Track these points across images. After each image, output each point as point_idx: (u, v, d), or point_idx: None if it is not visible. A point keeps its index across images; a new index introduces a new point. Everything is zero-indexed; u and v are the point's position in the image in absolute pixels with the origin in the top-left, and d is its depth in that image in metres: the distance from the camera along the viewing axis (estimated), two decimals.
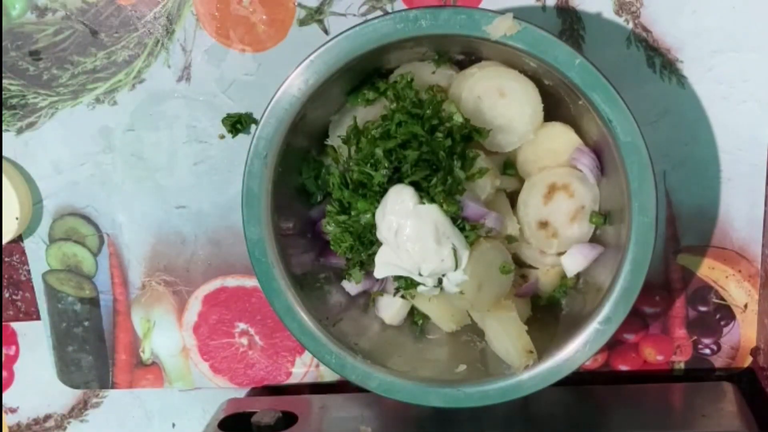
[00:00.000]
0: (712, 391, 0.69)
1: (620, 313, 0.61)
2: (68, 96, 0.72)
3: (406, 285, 0.65)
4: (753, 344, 0.72)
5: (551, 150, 0.65)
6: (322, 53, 0.60)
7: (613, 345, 0.73)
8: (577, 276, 0.67)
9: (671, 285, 0.72)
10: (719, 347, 0.73)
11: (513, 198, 0.66)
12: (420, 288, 0.64)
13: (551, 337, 0.64)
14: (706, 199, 0.70)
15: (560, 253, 0.66)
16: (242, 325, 0.76)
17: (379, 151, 0.60)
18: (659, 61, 0.68)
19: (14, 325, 0.79)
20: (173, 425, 0.81)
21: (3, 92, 0.72)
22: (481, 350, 0.67)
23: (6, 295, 0.78)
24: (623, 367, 0.74)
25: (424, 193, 0.60)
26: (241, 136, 0.71)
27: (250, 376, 0.77)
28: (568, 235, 0.65)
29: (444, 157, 0.60)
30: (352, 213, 0.62)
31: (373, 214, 0.61)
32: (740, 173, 0.69)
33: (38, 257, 0.75)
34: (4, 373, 0.80)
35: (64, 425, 0.81)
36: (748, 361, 0.73)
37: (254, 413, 0.69)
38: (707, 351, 0.73)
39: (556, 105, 0.64)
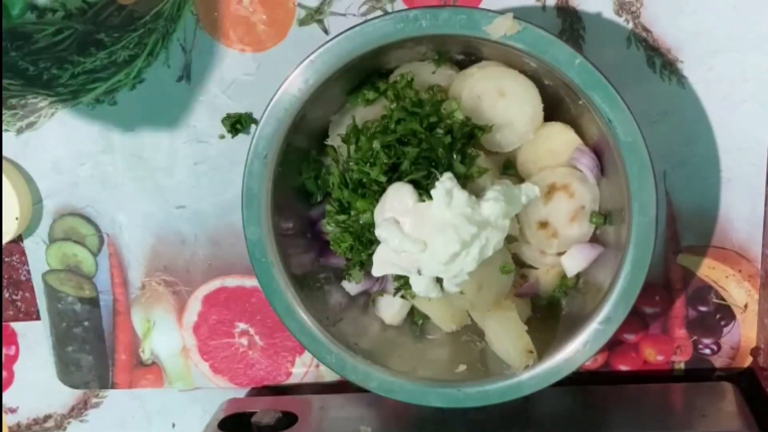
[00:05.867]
0: (712, 391, 0.69)
1: (620, 313, 0.61)
2: (68, 96, 0.72)
3: (405, 284, 0.65)
4: (753, 344, 0.72)
5: (551, 150, 0.65)
6: (322, 53, 0.60)
7: (613, 345, 0.73)
8: (577, 276, 0.67)
9: (671, 285, 0.72)
10: (719, 347, 0.73)
11: None
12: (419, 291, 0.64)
13: (551, 337, 0.64)
14: (706, 199, 0.70)
15: (560, 253, 0.66)
16: (242, 325, 0.76)
17: (377, 144, 0.60)
18: (659, 61, 0.68)
19: (14, 325, 0.79)
20: (173, 425, 0.81)
21: (3, 92, 0.72)
22: (481, 350, 0.67)
23: (6, 295, 0.78)
24: (623, 367, 0.74)
25: (423, 191, 0.60)
26: (241, 136, 0.71)
27: (250, 376, 0.77)
28: (568, 235, 0.65)
29: (443, 154, 0.60)
30: (352, 213, 0.62)
31: (373, 214, 0.61)
32: (740, 173, 0.69)
33: (38, 257, 0.75)
34: (4, 373, 0.80)
35: (64, 425, 0.81)
36: (748, 361, 0.73)
37: (254, 413, 0.69)
38: (707, 351, 0.73)
39: (556, 105, 0.64)
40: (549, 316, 0.68)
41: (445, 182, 0.59)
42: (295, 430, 0.68)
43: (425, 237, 0.59)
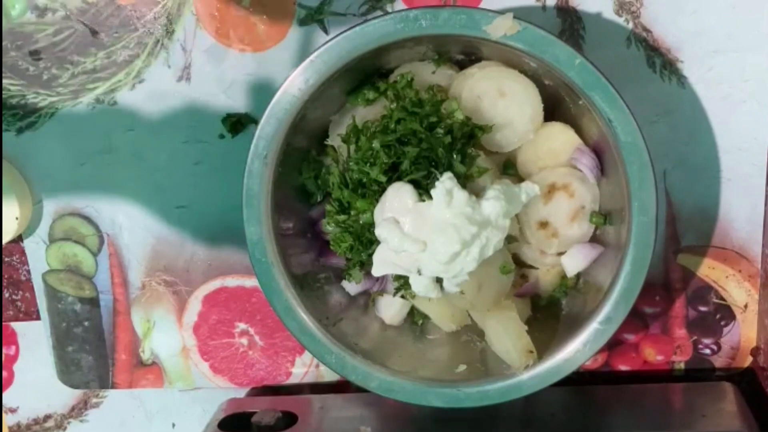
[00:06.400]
0: (712, 391, 0.69)
1: (620, 313, 0.61)
2: (68, 96, 0.72)
3: (405, 284, 0.65)
4: (753, 344, 0.72)
5: (551, 150, 0.65)
6: (322, 53, 0.60)
7: (613, 345, 0.73)
8: (577, 276, 0.67)
9: (671, 285, 0.72)
10: (719, 347, 0.73)
11: None
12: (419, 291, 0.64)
13: (551, 337, 0.64)
14: (706, 199, 0.70)
15: (560, 253, 0.66)
16: (242, 325, 0.76)
17: (377, 144, 0.60)
18: (659, 61, 0.68)
19: (14, 325, 0.79)
20: (173, 425, 0.81)
21: (3, 92, 0.72)
22: (481, 350, 0.67)
23: (6, 295, 0.78)
24: (623, 367, 0.74)
25: (423, 191, 0.60)
26: (241, 136, 0.71)
27: (250, 376, 0.77)
28: (568, 235, 0.65)
29: (443, 154, 0.60)
30: (352, 213, 0.62)
31: (373, 213, 0.61)
32: (740, 173, 0.69)
33: (38, 257, 0.75)
34: (4, 373, 0.80)
35: (64, 425, 0.81)
36: (748, 361, 0.73)
37: (254, 413, 0.69)
38: (707, 351, 0.73)
39: (556, 105, 0.64)
40: (549, 316, 0.68)
41: (445, 182, 0.59)
42: (295, 430, 0.68)
43: (425, 237, 0.59)
